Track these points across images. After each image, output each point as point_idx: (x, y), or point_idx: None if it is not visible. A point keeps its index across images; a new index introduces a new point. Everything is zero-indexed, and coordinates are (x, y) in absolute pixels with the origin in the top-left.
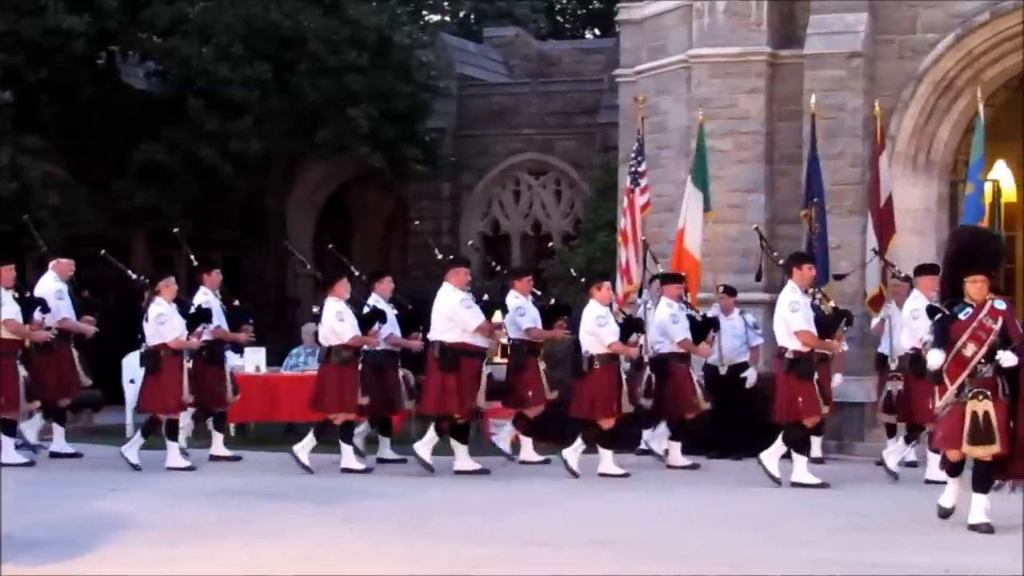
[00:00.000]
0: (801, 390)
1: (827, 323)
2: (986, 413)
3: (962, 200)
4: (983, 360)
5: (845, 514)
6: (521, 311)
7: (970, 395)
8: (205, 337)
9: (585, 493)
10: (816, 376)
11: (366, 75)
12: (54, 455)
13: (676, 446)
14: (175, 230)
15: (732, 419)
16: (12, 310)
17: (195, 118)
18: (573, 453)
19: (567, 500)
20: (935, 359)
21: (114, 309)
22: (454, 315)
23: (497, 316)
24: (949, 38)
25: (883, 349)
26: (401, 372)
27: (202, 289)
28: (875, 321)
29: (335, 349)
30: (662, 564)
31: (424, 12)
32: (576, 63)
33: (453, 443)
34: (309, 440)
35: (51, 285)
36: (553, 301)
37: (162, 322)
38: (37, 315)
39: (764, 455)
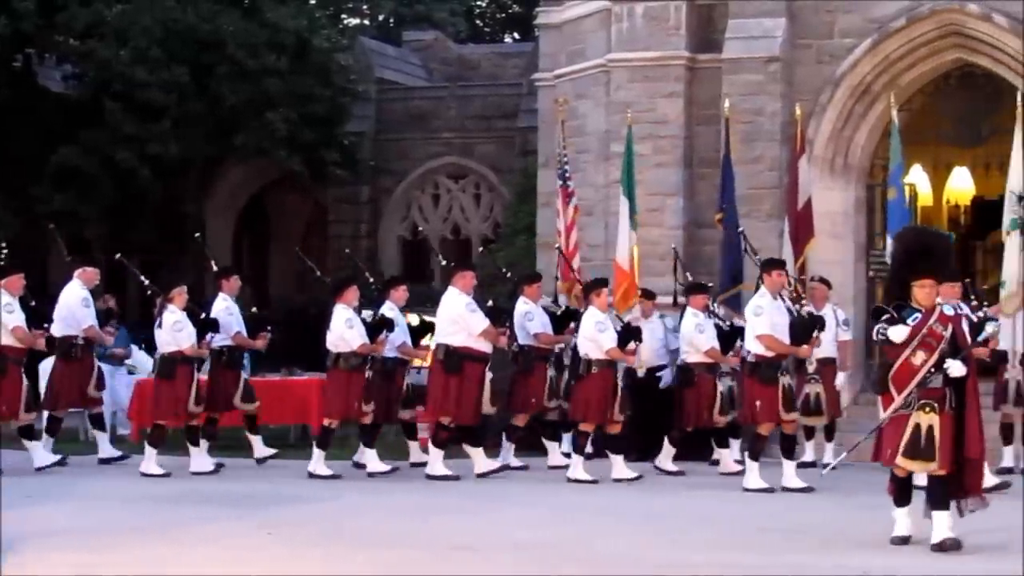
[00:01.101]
0: (761, 395)
1: (801, 327)
2: (930, 427)
3: (880, 204)
4: (932, 369)
5: (772, 517)
6: (530, 316)
7: (916, 406)
8: (224, 343)
9: (506, 497)
10: (790, 381)
11: (285, 79)
12: (103, 461)
13: (669, 452)
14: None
15: (648, 422)
16: (19, 317)
17: (112, 121)
18: (575, 466)
19: (488, 504)
20: (898, 333)
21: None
22: (459, 319)
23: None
24: (866, 43)
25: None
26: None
27: (221, 295)
28: None
29: (344, 356)
30: (580, 567)
31: (343, 16)
32: (495, 67)
33: (467, 448)
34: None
35: (77, 293)
36: (565, 308)
37: (179, 329)
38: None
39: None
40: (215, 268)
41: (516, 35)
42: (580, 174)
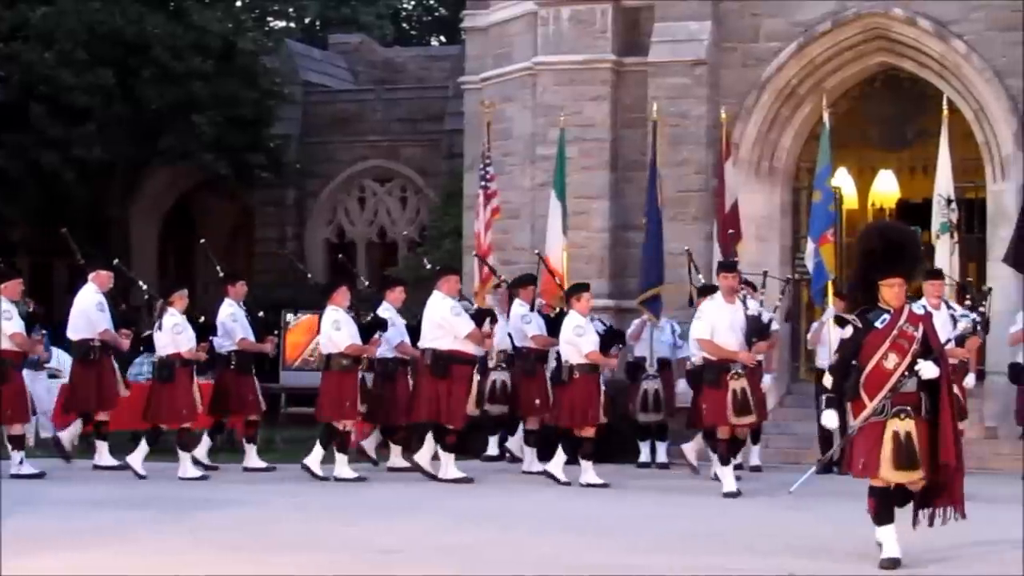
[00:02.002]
0: (707, 398)
1: (754, 330)
2: (908, 434)
3: (805, 207)
4: (906, 372)
5: (705, 520)
6: (526, 319)
7: (891, 413)
8: (231, 349)
9: (435, 500)
10: (743, 385)
11: (210, 81)
12: (98, 468)
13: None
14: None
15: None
16: (18, 324)
17: (37, 124)
18: (556, 465)
19: (416, 507)
20: (830, 419)
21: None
22: (445, 322)
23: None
24: (791, 47)
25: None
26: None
27: (227, 300)
28: (814, 327)
29: (334, 357)
30: (504, 569)
31: (269, 18)
32: (422, 70)
33: (440, 452)
34: (317, 451)
35: (92, 297)
36: (610, 327)
37: (178, 332)
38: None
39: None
40: (221, 274)
41: (442, 38)
42: (506, 177)
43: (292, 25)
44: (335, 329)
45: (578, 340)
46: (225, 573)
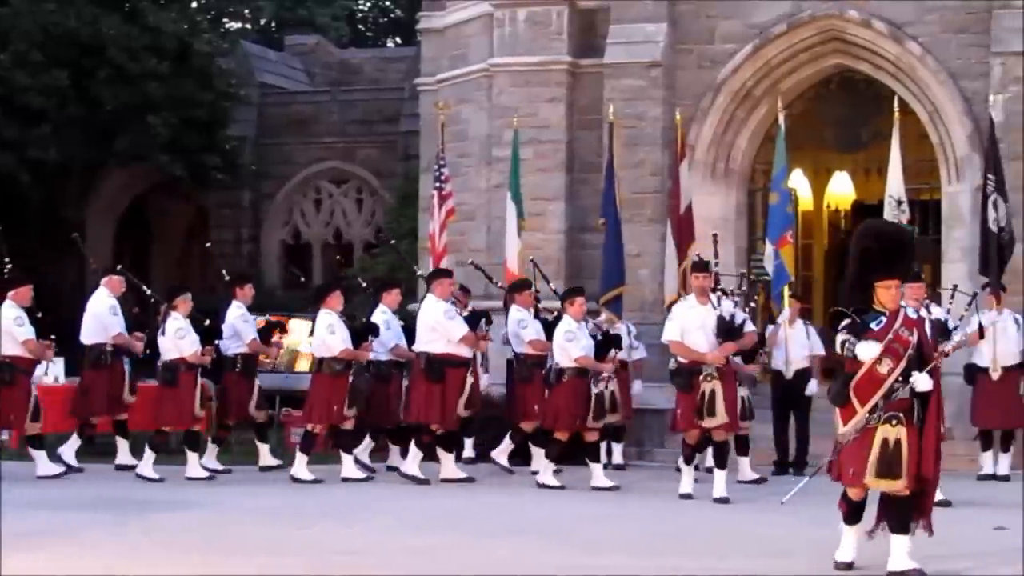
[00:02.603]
0: (679, 402)
1: (721, 330)
2: (898, 442)
3: (761, 208)
4: (900, 378)
5: (650, 521)
6: (523, 324)
7: (882, 419)
8: (238, 351)
9: (394, 501)
10: (713, 388)
11: (166, 83)
12: (120, 468)
13: (744, 461)
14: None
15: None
16: (29, 330)
17: None
18: (546, 471)
19: (375, 509)
20: (868, 350)
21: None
22: (438, 326)
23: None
24: (747, 48)
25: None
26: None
27: (235, 303)
28: (771, 329)
29: (327, 361)
30: (463, 571)
31: (225, 20)
32: (377, 71)
33: (440, 452)
34: (345, 457)
35: (105, 301)
36: (606, 331)
37: (181, 336)
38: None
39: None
40: (227, 276)
41: (398, 39)
42: (462, 178)
43: (248, 26)
44: (329, 333)
45: (568, 345)
46: (177, 574)
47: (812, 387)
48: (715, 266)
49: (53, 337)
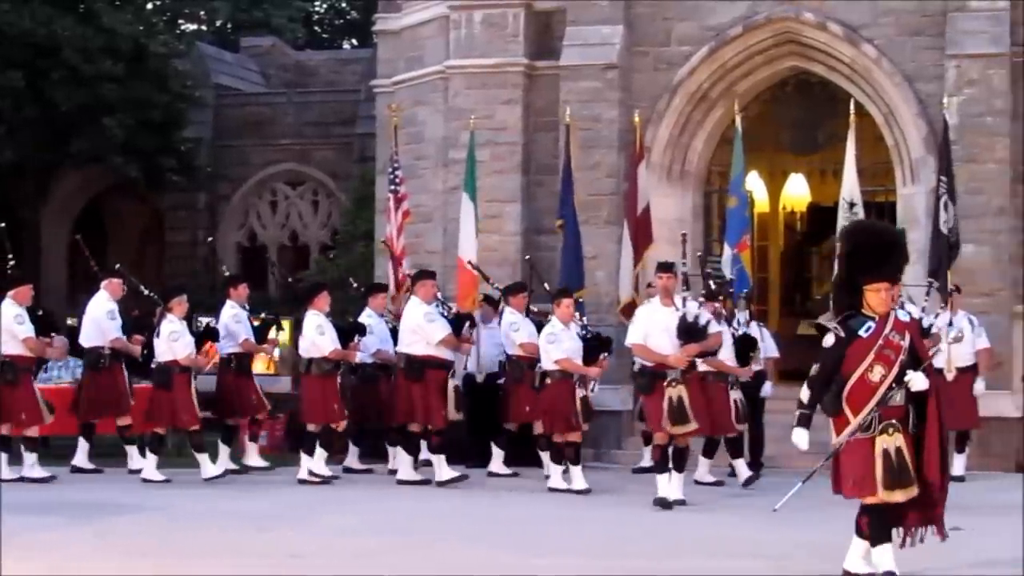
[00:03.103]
0: (645, 405)
1: (682, 331)
2: (899, 449)
3: (717, 210)
4: (893, 384)
5: (603, 522)
6: (515, 326)
7: (879, 428)
8: (232, 351)
9: (345, 504)
10: (680, 393)
11: (121, 84)
12: (133, 472)
13: (739, 463)
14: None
15: (485, 427)
16: (29, 328)
17: None
18: (555, 474)
19: (327, 512)
20: (804, 395)
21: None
22: (418, 328)
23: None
24: (703, 50)
25: None
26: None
27: (229, 303)
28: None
29: (316, 362)
30: (416, 572)
31: (180, 21)
32: (333, 73)
33: (433, 457)
34: (305, 459)
35: (103, 305)
36: (597, 332)
37: (175, 339)
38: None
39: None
40: (225, 274)
41: (354, 41)
42: (419, 180)
43: (203, 28)
44: (319, 334)
45: (549, 347)
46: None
47: (767, 389)
48: (683, 266)
49: (53, 335)
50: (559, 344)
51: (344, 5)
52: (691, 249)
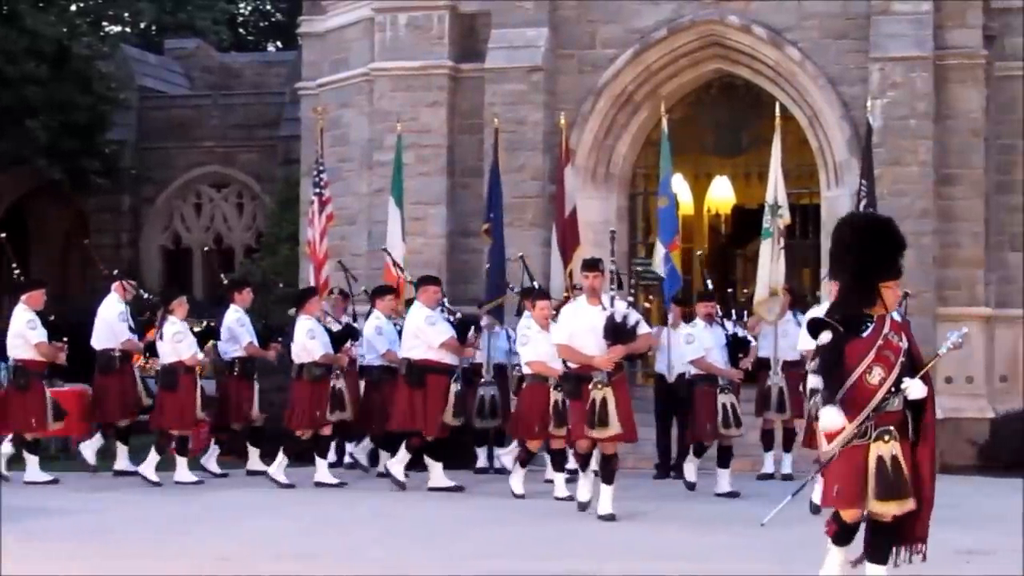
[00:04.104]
0: (569, 409)
1: (609, 331)
2: (894, 458)
3: (642, 212)
4: (892, 389)
5: (529, 522)
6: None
7: (874, 435)
8: (236, 355)
9: (276, 506)
10: (605, 395)
11: (45, 86)
12: (118, 474)
13: (723, 473)
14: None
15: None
16: (41, 333)
17: None
18: (559, 478)
19: (256, 514)
20: (831, 418)
21: None
22: (419, 332)
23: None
24: (628, 53)
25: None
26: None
27: (232, 307)
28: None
29: (307, 366)
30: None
31: (104, 23)
32: (258, 76)
33: (428, 460)
34: (281, 459)
35: (115, 308)
36: (459, 315)
37: (179, 340)
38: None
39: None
40: (225, 281)
41: (279, 44)
42: (343, 183)
43: (128, 30)
44: (309, 338)
45: (521, 349)
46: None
47: None
48: (612, 265)
49: (66, 340)
50: (532, 346)
51: (269, 7)
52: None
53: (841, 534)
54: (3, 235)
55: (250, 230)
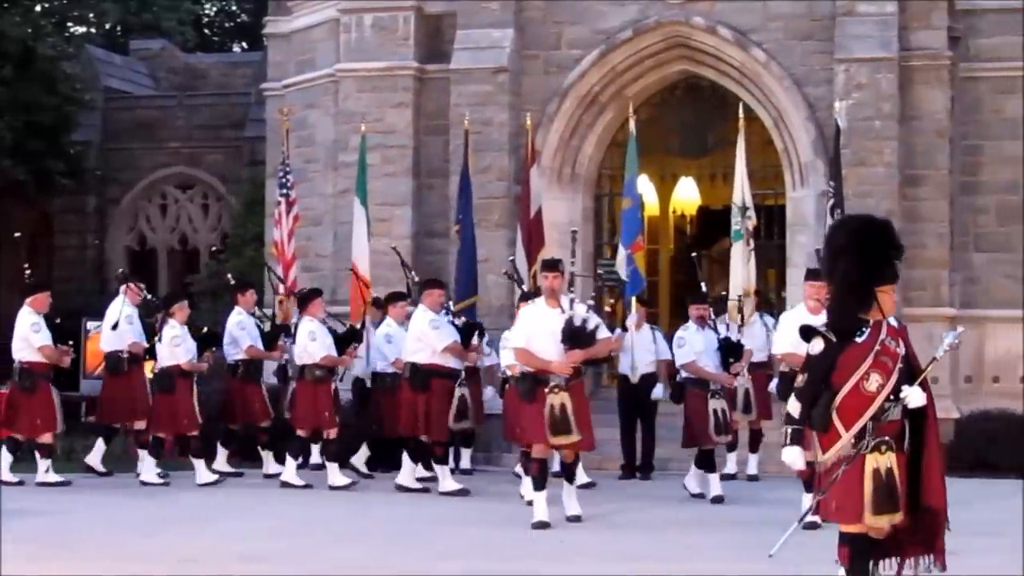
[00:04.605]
0: (524, 412)
1: (567, 335)
2: (890, 470)
3: (607, 213)
4: (891, 397)
5: (493, 524)
6: (388, 337)
7: (870, 446)
8: (238, 357)
9: (242, 509)
10: (563, 400)
11: (10, 87)
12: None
13: (713, 478)
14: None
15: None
16: (46, 336)
17: None
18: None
19: (220, 516)
20: (794, 409)
21: None
22: (423, 336)
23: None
24: (593, 54)
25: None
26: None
27: (236, 309)
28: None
29: (308, 368)
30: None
31: (69, 24)
32: (223, 76)
33: (436, 467)
34: (291, 462)
35: (122, 310)
36: (464, 320)
37: (176, 344)
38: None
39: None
40: (232, 282)
41: (245, 44)
42: (309, 184)
43: (93, 31)
44: (310, 340)
45: (504, 352)
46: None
47: (658, 391)
48: (572, 265)
49: (71, 343)
50: (508, 351)
51: (234, 8)
52: (581, 249)
53: (856, 560)
54: (18, 234)
55: (215, 231)
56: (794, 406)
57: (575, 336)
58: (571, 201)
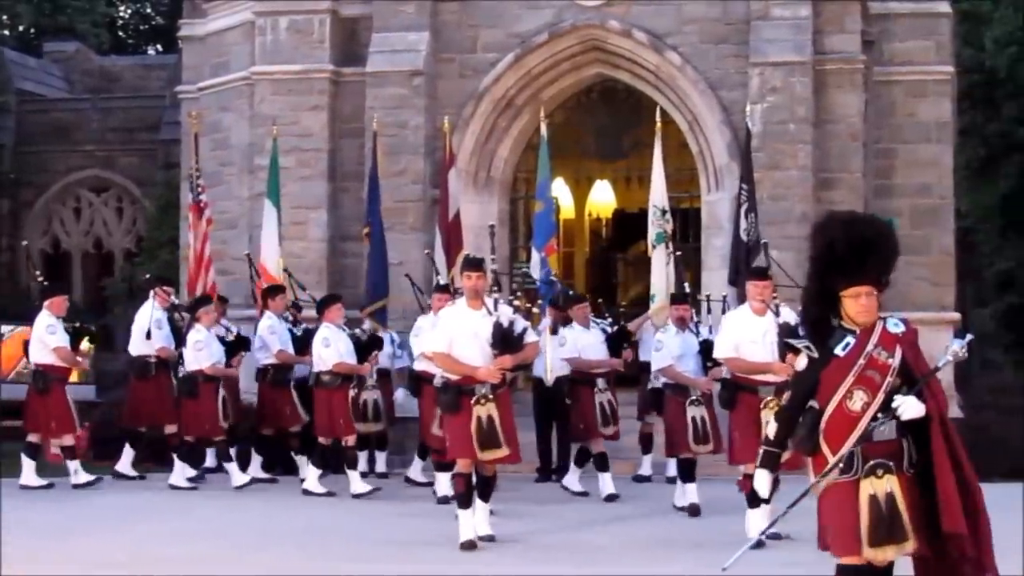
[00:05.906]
0: (447, 425)
1: (496, 339)
2: (889, 495)
3: (523, 216)
4: (879, 415)
5: (406, 529)
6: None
7: (864, 470)
8: (266, 361)
9: (159, 513)
10: (490, 412)
11: None
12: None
13: (691, 488)
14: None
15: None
16: (62, 338)
17: None
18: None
19: (138, 520)
20: (771, 430)
21: None
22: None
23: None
24: (509, 57)
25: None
26: None
27: (267, 313)
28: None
29: (321, 374)
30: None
31: None
32: (138, 79)
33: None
34: (312, 471)
35: (152, 314)
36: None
37: (199, 348)
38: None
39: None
40: (263, 286)
41: (160, 47)
42: (224, 187)
43: (6, 32)
44: (324, 346)
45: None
46: None
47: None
48: (493, 263)
49: (91, 346)
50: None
51: (149, 11)
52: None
53: None
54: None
55: (130, 234)
56: (771, 427)
57: (505, 340)
58: (486, 204)
